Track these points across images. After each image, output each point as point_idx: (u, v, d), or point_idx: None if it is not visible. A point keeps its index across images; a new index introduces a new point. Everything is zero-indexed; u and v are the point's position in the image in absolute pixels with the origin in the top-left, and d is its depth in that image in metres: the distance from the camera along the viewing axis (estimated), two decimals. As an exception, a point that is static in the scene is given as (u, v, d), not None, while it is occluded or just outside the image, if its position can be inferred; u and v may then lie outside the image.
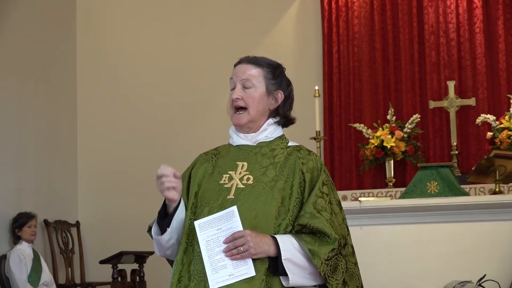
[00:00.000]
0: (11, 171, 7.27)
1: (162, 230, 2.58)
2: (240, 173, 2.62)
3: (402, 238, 5.10)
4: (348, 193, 6.94)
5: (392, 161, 6.98)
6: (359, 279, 2.59)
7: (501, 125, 6.69)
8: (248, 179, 2.60)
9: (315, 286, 2.55)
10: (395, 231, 5.13)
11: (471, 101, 7.14)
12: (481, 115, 6.91)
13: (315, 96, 6.41)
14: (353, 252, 2.60)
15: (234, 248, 2.44)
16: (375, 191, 6.88)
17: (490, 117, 6.80)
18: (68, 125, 8.29)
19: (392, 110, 7.26)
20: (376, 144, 6.99)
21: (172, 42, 8.29)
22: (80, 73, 8.47)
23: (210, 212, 2.54)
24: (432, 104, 7.23)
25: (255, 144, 2.69)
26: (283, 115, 2.73)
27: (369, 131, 7.15)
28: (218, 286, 2.43)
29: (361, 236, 5.11)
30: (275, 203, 2.54)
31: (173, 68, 8.27)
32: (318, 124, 6.33)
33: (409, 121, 7.14)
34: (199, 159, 2.76)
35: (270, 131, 2.71)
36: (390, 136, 6.98)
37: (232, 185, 2.60)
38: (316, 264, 2.46)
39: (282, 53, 7.94)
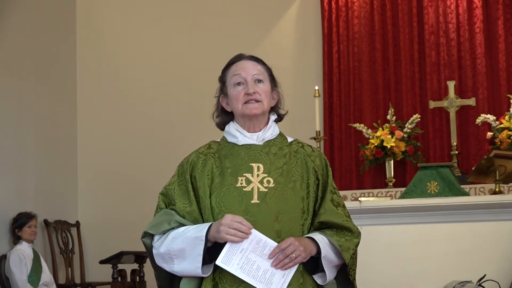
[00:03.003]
0: (11, 171, 7.27)
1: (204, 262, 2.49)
2: (258, 175, 2.59)
3: (402, 238, 5.10)
4: (348, 193, 6.94)
5: (392, 161, 6.98)
6: None
7: (501, 125, 6.68)
8: (268, 181, 2.57)
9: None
10: (395, 231, 5.13)
11: (471, 101, 7.14)
12: (481, 115, 6.91)
13: (315, 96, 6.41)
14: None
15: (284, 257, 2.45)
16: (375, 191, 6.88)
17: (490, 117, 6.80)
18: (68, 125, 8.29)
19: (392, 110, 7.26)
20: (376, 144, 6.99)
21: (172, 42, 8.29)
22: (80, 73, 8.48)
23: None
24: (432, 104, 7.23)
25: (262, 143, 2.66)
26: (278, 113, 2.75)
27: (369, 131, 7.15)
28: None
29: (361, 236, 5.11)
30: (298, 205, 2.57)
31: (173, 68, 8.27)
32: (318, 124, 6.33)
33: (409, 121, 7.14)
34: (197, 160, 2.65)
35: (273, 128, 2.71)
36: (390, 136, 6.98)
37: (252, 188, 2.56)
38: (346, 258, 2.55)
39: (282, 53, 7.94)
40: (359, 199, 5.38)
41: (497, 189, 5.25)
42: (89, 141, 8.34)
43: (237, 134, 2.67)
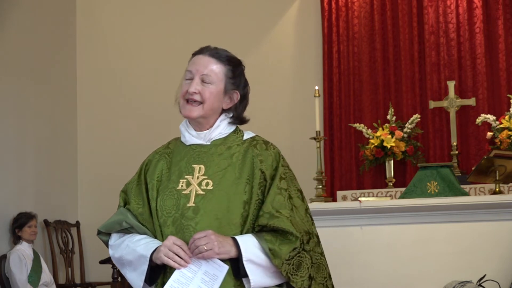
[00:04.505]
0: (11, 171, 7.27)
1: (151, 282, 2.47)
2: (198, 177, 2.50)
3: (402, 238, 5.10)
4: (348, 193, 6.94)
5: (392, 161, 6.98)
6: (326, 268, 2.53)
7: (501, 125, 6.68)
8: (207, 184, 2.48)
9: (280, 286, 2.47)
10: (395, 231, 5.13)
11: (471, 101, 7.14)
12: (481, 115, 6.91)
13: (315, 96, 6.41)
14: (319, 242, 2.53)
15: (195, 248, 2.35)
16: (375, 191, 6.87)
17: (490, 117, 6.80)
18: (68, 125, 8.29)
19: (392, 110, 7.25)
20: (376, 144, 6.99)
21: (172, 43, 8.28)
22: (80, 73, 8.47)
23: (174, 223, 2.46)
24: (432, 104, 7.23)
25: (209, 143, 2.57)
26: (237, 116, 2.61)
27: (369, 131, 7.14)
28: None
29: (361, 236, 5.11)
30: (238, 209, 2.45)
31: (173, 69, 8.25)
32: (318, 124, 6.32)
33: (409, 121, 7.14)
34: (152, 159, 2.64)
35: (223, 127, 2.58)
36: (390, 136, 6.97)
37: (190, 191, 2.48)
38: (277, 264, 2.39)
39: (282, 53, 7.95)
40: (359, 199, 5.37)
41: (497, 189, 5.25)
42: (89, 141, 8.34)
43: (185, 133, 2.61)
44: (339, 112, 7.69)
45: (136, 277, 2.48)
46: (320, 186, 5.85)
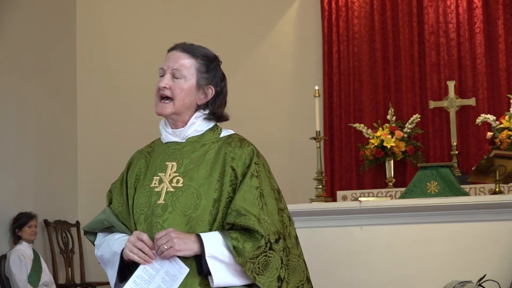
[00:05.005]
0: (11, 171, 7.28)
1: (122, 278, 2.46)
2: (170, 174, 2.49)
3: (402, 238, 5.10)
4: (348, 193, 6.94)
5: (392, 161, 6.98)
6: (304, 271, 2.48)
7: (501, 125, 6.68)
8: (177, 181, 2.46)
9: (248, 286, 2.42)
10: (395, 231, 5.13)
11: (471, 101, 7.14)
12: (481, 115, 6.91)
13: (315, 96, 6.41)
14: (297, 243, 2.49)
15: (157, 247, 2.34)
16: (375, 191, 6.87)
17: (490, 117, 6.80)
18: (68, 124, 8.29)
19: (392, 110, 7.25)
20: (376, 144, 6.99)
21: (172, 43, 8.27)
22: (80, 73, 8.47)
23: (146, 220, 2.45)
24: (432, 104, 7.23)
25: (184, 141, 2.56)
26: (213, 112, 2.57)
27: (369, 131, 7.15)
28: None
29: (361, 236, 5.11)
30: (208, 207, 2.42)
31: (173, 68, 8.26)
32: (318, 124, 6.32)
33: (409, 121, 7.14)
34: (134, 158, 2.66)
35: (199, 124, 2.56)
36: (390, 136, 6.98)
37: (162, 188, 2.47)
38: (240, 263, 2.34)
39: (282, 53, 7.95)
40: (359, 199, 5.37)
41: (497, 189, 5.25)
42: (89, 141, 8.34)
43: (163, 131, 2.63)
44: (339, 112, 7.69)
45: (112, 275, 2.49)
46: (320, 186, 5.85)
